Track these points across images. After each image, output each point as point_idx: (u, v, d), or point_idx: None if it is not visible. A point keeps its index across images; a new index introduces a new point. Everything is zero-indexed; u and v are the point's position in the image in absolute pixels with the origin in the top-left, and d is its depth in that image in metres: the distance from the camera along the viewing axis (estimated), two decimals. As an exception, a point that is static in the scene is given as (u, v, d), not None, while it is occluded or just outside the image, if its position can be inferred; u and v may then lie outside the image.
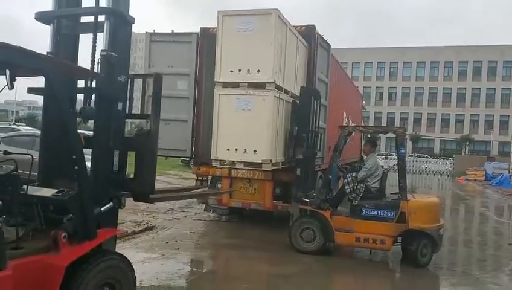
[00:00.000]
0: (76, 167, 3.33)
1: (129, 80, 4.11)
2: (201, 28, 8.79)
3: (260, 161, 6.98)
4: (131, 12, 3.96)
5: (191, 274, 6.16)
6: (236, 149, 7.06)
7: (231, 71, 7.08)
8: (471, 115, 59.64)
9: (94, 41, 3.84)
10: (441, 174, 33.94)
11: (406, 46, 62.17)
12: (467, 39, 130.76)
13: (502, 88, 58.41)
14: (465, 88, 59.80)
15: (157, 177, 4.73)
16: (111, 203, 3.75)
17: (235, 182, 8.64)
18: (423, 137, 56.29)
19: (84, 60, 3.92)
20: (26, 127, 28.68)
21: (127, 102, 4.03)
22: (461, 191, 21.87)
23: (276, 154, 7.33)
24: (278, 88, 7.23)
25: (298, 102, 7.78)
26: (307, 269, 6.51)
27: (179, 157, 11.29)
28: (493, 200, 18.40)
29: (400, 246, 6.93)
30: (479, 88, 59.37)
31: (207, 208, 9.61)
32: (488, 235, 10.70)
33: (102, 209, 3.63)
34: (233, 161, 7.24)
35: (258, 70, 6.93)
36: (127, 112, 4.06)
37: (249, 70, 6.97)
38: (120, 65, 3.81)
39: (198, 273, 6.47)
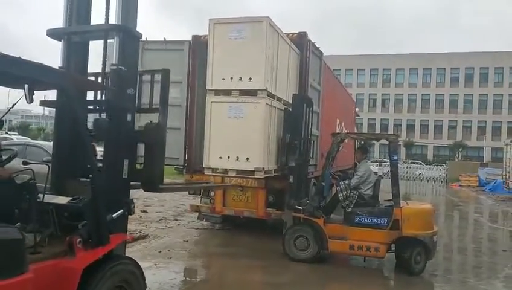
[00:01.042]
0: (90, 176, 3.51)
1: (138, 76, 4.24)
2: (193, 35, 8.78)
3: (252, 169, 6.94)
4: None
5: (183, 284, 6.10)
6: (228, 157, 7.02)
7: (223, 79, 7.05)
8: (463, 121, 60.09)
9: (104, 56, 4.02)
10: (434, 181, 34.06)
11: (399, 53, 62.70)
12: (459, 46, 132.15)
13: (494, 94, 59.00)
14: (457, 94, 60.29)
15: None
16: (121, 210, 3.89)
17: (228, 190, 8.60)
18: (416, 143, 56.60)
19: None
20: (18, 136, 28.51)
21: (135, 112, 4.16)
22: (455, 198, 21.92)
23: (268, 161, 7.29)
24: (270, 95, 7.21)
25: (290, 109, 7.77)
26: (301, 277, 6.46)
27: (172, 165, 11.23)
28: (487, 206, 18.44)
29: (394, 253, 6.91)
30: (471, 94, 59.88)
31: (200, 217, 9.55)
32: (482, 241, 10.68)
33: (113, 215, 3.76)
34: (226, 169, 7.19)
35: (250, 78, 6.90)
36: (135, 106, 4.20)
37: (240, 77, 6.94)
38: (129, 79, 3.97)
39: (191, 282, 6.41)
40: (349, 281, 6.59)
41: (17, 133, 36.80)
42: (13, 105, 3.86)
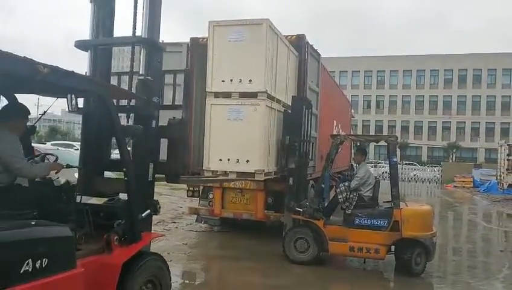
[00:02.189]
0: (126, 178, 3.80)
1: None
2: (191, 38, 8.74)
3: (253, 171, 6.92)
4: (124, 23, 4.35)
5: (183, 287, 6.06)
6: (228, 159, 6.98)
7: (223, 81, 7.03)
8: (457, 122, 60.44)
9: (131, 66, 4.41)
10: (429, 182, 34.18)
11: (393, 54, 62.97)
12: (451, 48, 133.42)
13: (487, 96, 59.43)
14: (451, 96, 60.67)
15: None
16: (149, 210, 4.17)
17: (226, 192, 8.58)
18: (411, 145, 56.85)
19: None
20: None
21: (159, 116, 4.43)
22: (450, 198, 22.00)
23: (268, 163, 7.27)
24: (270, 97, 7.19)
25: (290, 111, 7.76)
26: (301, 280, 6.46)
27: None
28: (482, 207, 18.54)
29: (393, 254, 6.93)
30: (465, 96, 60.29)
31: (198, 219, 9.52)
32: (479, 242, 10.74)
33: (143, 215, 4.04)
34: (226, 171, 7.17)
35: (250, 80, 6.88)
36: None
37: (240, 80, 6.92)
38: (154, 88, 4.27)
39: (191, 285, 6.38)
40: (350, 283, 6.60)
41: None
42: (44, 112, 4.14)
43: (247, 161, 6.90)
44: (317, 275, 6.67)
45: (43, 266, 2.85)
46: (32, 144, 4.37)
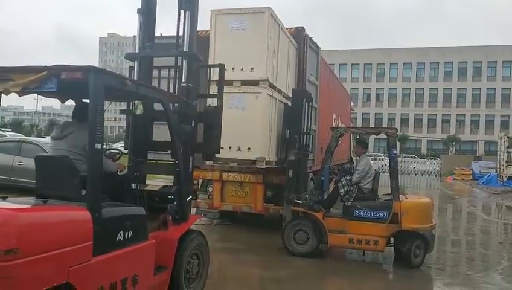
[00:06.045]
0: (177, 169, 4.48)
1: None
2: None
3: (254, 159, 6.91)
4: (117, 11, 4.54)
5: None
6: (230, 147, 6.95)
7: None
8: (457, 115, 60.40)
9: (175, 76, 5.00)
10: (428, 174, 34.20)
11: (392, 47, 62.76)
12: (451, 39, 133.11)
13: (487, 88, 59.33)
14: (450, 88, 60.57)
15: (148, 181, 5.37)
16: (191, 196, 4.81)
17: (226, 185, 8.57)
18: (410, 137, 56.80)
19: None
20: (12, 133, 28.29)
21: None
22: (449, 191, 22.03)
23: (269, 152, 7.26)
24: (271, 86, 7.17)
25: (290, 104, 7.74)
26: (301, 272, 6.45)
27: (170, 161, 11.15)
28: (481, 199, 18.56)
29: (392, 246, 6.93)
30: (465, 88, 60.19)
31: (198, 212, 9.49)
32: (478, 234, 10.75)
33: (187, 199, 4.66)
34: (227, 159, 7.17)
35: (252, 68, 6.87)
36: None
37: (242, 68, 6.90)
38: (194, 93, 4.87)
39: (190, 277, 6.37)
40: (349, 275, 6.59)
41: (10, 130, 36.51)
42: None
43: (249, 149, 6.90)
44: (316, 267, 6.68)
45: (129, 237, 3.60)
46: (35, 138, 4.59)
